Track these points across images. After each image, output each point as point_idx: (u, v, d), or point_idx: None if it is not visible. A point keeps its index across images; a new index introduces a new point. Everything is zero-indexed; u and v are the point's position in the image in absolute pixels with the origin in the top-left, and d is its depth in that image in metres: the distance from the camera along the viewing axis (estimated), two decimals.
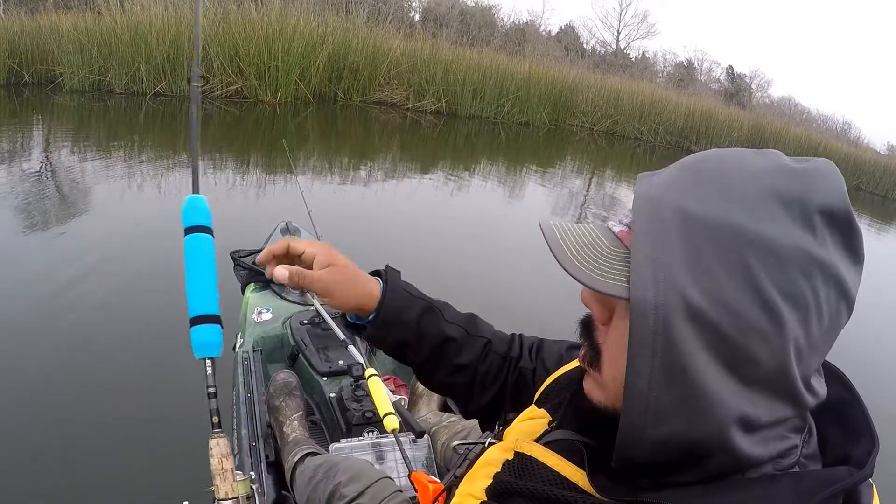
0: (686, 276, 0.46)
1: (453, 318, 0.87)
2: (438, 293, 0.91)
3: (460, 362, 0.86)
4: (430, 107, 11.87)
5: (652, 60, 28.21)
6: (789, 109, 25.95)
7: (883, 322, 5.33)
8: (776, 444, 0.49)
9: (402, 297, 0.83)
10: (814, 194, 0.45)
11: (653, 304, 0.46)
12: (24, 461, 2.01)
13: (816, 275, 0.45)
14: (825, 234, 0.45)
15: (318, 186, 5.99)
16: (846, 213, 0.46)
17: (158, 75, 8.94)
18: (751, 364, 0.45)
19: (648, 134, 14.50)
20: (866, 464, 0.48)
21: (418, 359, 0.86)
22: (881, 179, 16.11)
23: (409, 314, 0.83)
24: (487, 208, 6.62)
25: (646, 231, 0.48)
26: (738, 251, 0.45)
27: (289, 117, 9.45)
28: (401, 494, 1.22)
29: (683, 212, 0.47)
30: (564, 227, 0.55)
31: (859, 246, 0.47)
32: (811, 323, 0.45)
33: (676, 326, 0.45)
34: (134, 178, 5.31)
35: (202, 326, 0.76)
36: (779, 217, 0.45)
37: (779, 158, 0.48)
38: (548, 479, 0.56)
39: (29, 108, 7.99)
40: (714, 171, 0.48)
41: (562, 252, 0.53)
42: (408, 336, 0.83)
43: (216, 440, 0.74)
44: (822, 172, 0.47)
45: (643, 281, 0.47)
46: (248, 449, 1.53)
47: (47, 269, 3.28)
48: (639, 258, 0.48)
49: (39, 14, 9.38)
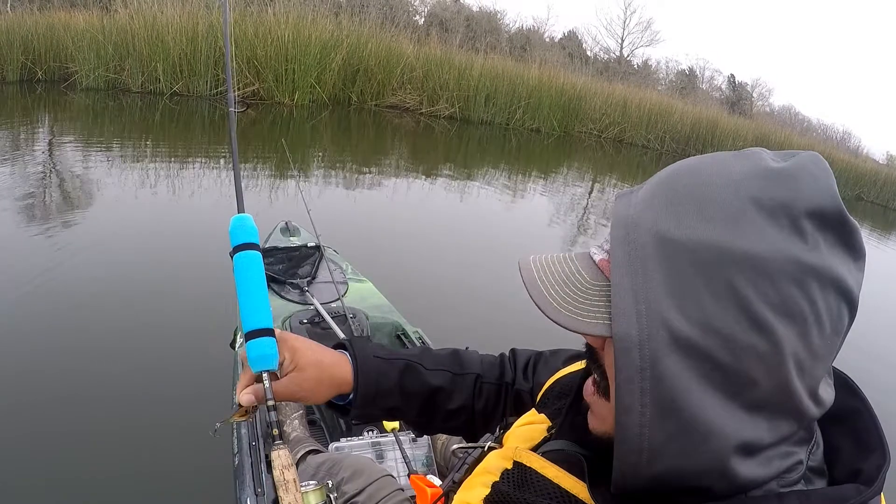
0: (670, 305, 0.43)
1: (435, 365, 0.84)
2: (439, 294, 0.87)
3: (453, 407, 0.84)
4: (443, 112, 11.88)
5: (654, 68, 28.46)
6: (790, 118, 26.35)
7: None
8: (780, 461, 0.46)
9: (374, 366, 0.79)
10: (799, 197, 0.43)
11: (637, 340, 0.44)
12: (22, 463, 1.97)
13: (811, 283, 0.42)
14: (817, 237, 0.43)
15: (322, 187, 5.97)
16: (837, 210, 0.43)
17: (176, 75, 8.85)
18: (749, 387, 0.43)
19: (655, 142, 14.59)
20: (876, 479, 0.46)
21: (411, 416, 0.84)
22: (882, 189, 16.33)
23: (387, 381, 0.79)
24: (491, 211, 6.61)
25: (624, 261, 0.46)
26: (722, 273, 0.42)
27: (304, 119, 9.43)
28: (402, 493, 1.21)
29: (661, 235, 0.44)
30: (543, 263, 0.53)
31: (857, 241, 0.44)
32: (811, 334, 0.43)
33: (664, 361, 0.43)
34: (153, 179, 5.26)
35: (258, 340, 0.76)
36: (763, 229, 0.42)
37: (760, 160, 0.45)
38: (546, 492, 0.54)
39: (42, 105, 7.90)
40: (691, 186, 0.45)
41: (539, 293, 0.51)
42: (393, 402, 0.80)
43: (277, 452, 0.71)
44: (808, 170, 0.44)
45: (625, 316, 0.45)
46: (247, 449, 1.52)
47: (47, 270, 3.21)
48: (618, 291, 0.46)
49: (47, 11, 9.25)
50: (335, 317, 2.05)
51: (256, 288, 0.77)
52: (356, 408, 0.78)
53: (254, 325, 0.76)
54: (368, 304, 2.24)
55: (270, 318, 0.77)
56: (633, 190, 0.50)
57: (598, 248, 0.52)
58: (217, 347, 2.37)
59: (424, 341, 2.07)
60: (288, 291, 2.27)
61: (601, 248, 0.52)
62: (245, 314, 0.77)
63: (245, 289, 0.77)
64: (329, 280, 2.28)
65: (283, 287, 2.29)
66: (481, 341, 1.77)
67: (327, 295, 2.23)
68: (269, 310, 0.78)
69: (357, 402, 0.78)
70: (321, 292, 2.26)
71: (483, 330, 3.28)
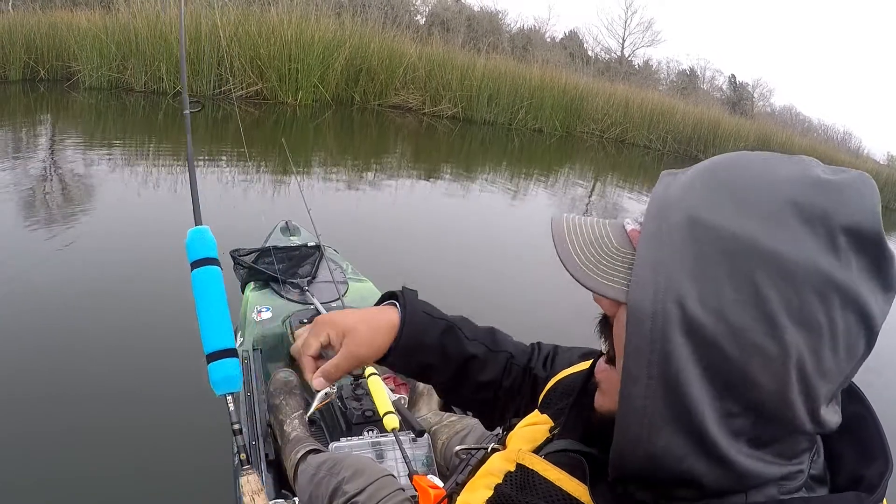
0: (689, 285, 0.43)
1: (474, 335, 0.84)
2: (439, 294, 0.87)
3: (484, 379, 0.83)
4: (446, 112, 11.89)
5: (655, 68, 28.41)
6: (791, 119, 26.27)
7: None
8: (776, 467, 0.46)
9: (421, 320, 0.79)
10: (840, 211, 0.42)
11: (650, 311, 0.44)
12: None
13: (834, 299, 0.41)
14: (850, 256, 0.42)
15: (323, 187, 5.97)
16: (876, 234, 0.42)
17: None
18: (748, 385, 0.43)
19: (657, 142, 14.56)
20: (878, 486, 0.45)
21: (442, 379, 0.83)
22: (883, 190, 16.26)
23: (430, 337, 0.79)
24: (492, 211, 6.62)
25: (652, 234, 0.47)
26: (747, 265, 0.42)
27: (308, 119, 9.44)
28: (402, 492, 1.21)
29: (694, 218, 0.45)
30: (575, 222, 0.54)
31: (890, 272, 0.43)
32: (823, 349, 0.42)
33: (673, 338, 0.43)
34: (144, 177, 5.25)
35: (220, 362, 0.74)
36: (798, 233, 0.42)
37: (809, 168, 0.44)
38: (548, 496, 0.54)
39: (45, 104, 7.93)
40: (735, 177, 0.45)
41: (565, 247, 0.52)
42: (431, 359, 0.80)
43: (246, 478, 0.68)
44: (855, 187, 0.43)
45: (642, 286, 0.45)
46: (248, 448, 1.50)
47: (47, 269, 3.22)
48: (641, 262, 0.46)
49: (49, 10, 9.28)
50: None
51: (216, 306, 0.75)
52: (396, 356, 0.77)
53: (216, 346, 0.73)
54: (369, 304, 2.23)
55: (232, 338, 0.76)
56: (678, 172, 0.51)
57: (633, 220, 0.53)
58: None
59: None
60: (288, 291, 2.27)
61: (636, 220, 0.52)
62: (206, 334, 0.74)
63: (205, 307, 0.75)
64: (329, 280, 2.28)
65: (283, 286, 2.29)
66: None
67: (327, 294, 2.23)
68: (230, 328, 0.75)
69: (399, 350, 0.77)
70: (321, 292, 2.27)
71: None
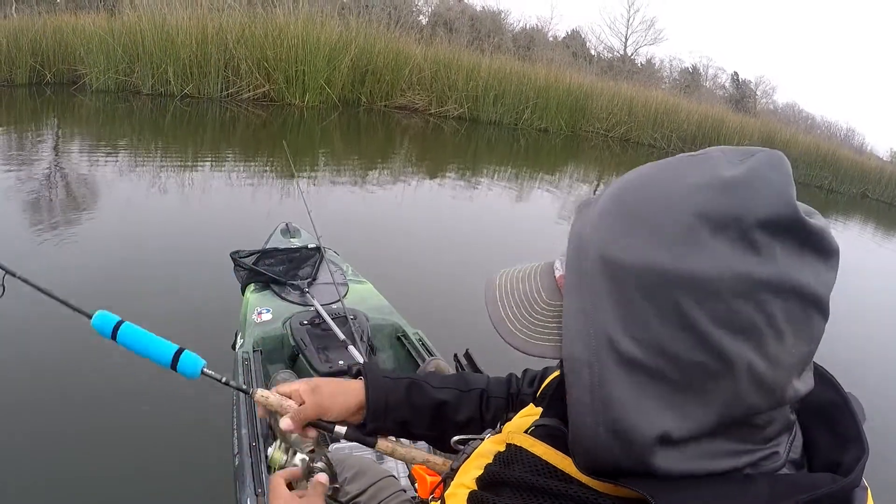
0: (618, 326, 0.45)
1: (442, 384, 0.90)
2: (440, 296, 0.92)
3: (462, 419, 0.88)
4: (452, 112, 11.89)
5: (658, 66, 28.29)
6: (794, 116, 26.07)
7: None
8: (747, 456, 0.47)
9: (383, 383, 0.87)
10: (751, 208, 0.42)
11: (586, 361, 0.46)
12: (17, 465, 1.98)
13: (765, 295, 0.42)
14: (772, 247, 0.42)
15: (324, 189, 5.97)
16: (792, 216, 0.43)
17: (186, 76, 8.91)
18: (702, 402, 0.44)
19: (662, 141, 14.52)
20: (854, 470, 0.46)
21: (422, 430, 0.89)
22: (887, 186, 16.19)
23: (395, 395, 0.87)
24: (493, 211, 6.62)
25: (574, 284, 0.48)
26: (668, 295, 0.43)
27: (315, 121, 9.45)
28: (403, 493, 1.22)
29: (607, 259, 0.46)
30: (509, 282, 0.56)
31: (821, 242, 0.44)
32: (768, 345, 0.43)
33: (612, 380, 0.44)
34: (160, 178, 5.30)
35: (179, 363, 0.88)
36: (710, 247, 0.42)
37: (716, 168, 0.45)
38: (534, 468, 0.56)
39: (51, 108, 7.95)
40: (641, 201, 0.46)
41: (497, 314, 0.54)
42: (403, 414, 0.87)
43: None
44: (762, 176, 0.43)
45: (573, 338, 0.47)
46: (248, 449, 1.51)
47: (46, 267, 3.21)
48: (568, 313, 0.48)
49: (53, 14, 9.32)
50: (335, 318, 2.05)
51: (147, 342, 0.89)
52: (371, 419, 0.85)
53: (170, 354, 0.88)
54: (369, 306, 2.24)
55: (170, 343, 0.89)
56: (591, 201, 0.51)
57: (561, 262, 0.54)
58: (218, 348, 2.33)
59: (425, 343, 2.07)
60: (288, 293, 2.27)
61: (562, 260, 0.53)
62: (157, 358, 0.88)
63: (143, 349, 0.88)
64: (329, 281, 2.27)
65: (284, 288, 2.29)
66: (482, 343, 1.76)
67: (328, 296, 2.22)
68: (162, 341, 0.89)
69: (371, 414, 0.85)
70: (321, 293, 2.26)
71: (484, 332, 3.24)
